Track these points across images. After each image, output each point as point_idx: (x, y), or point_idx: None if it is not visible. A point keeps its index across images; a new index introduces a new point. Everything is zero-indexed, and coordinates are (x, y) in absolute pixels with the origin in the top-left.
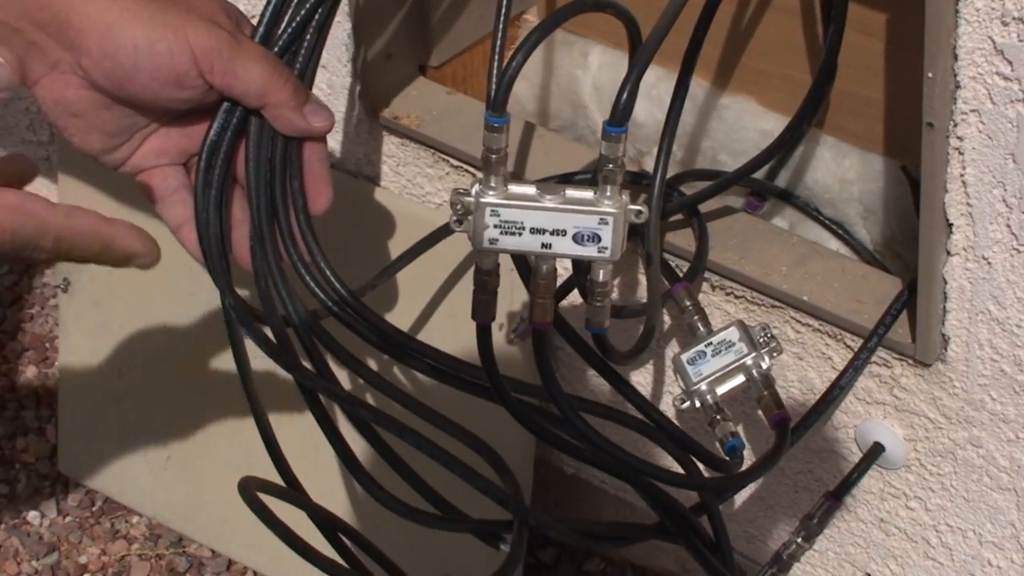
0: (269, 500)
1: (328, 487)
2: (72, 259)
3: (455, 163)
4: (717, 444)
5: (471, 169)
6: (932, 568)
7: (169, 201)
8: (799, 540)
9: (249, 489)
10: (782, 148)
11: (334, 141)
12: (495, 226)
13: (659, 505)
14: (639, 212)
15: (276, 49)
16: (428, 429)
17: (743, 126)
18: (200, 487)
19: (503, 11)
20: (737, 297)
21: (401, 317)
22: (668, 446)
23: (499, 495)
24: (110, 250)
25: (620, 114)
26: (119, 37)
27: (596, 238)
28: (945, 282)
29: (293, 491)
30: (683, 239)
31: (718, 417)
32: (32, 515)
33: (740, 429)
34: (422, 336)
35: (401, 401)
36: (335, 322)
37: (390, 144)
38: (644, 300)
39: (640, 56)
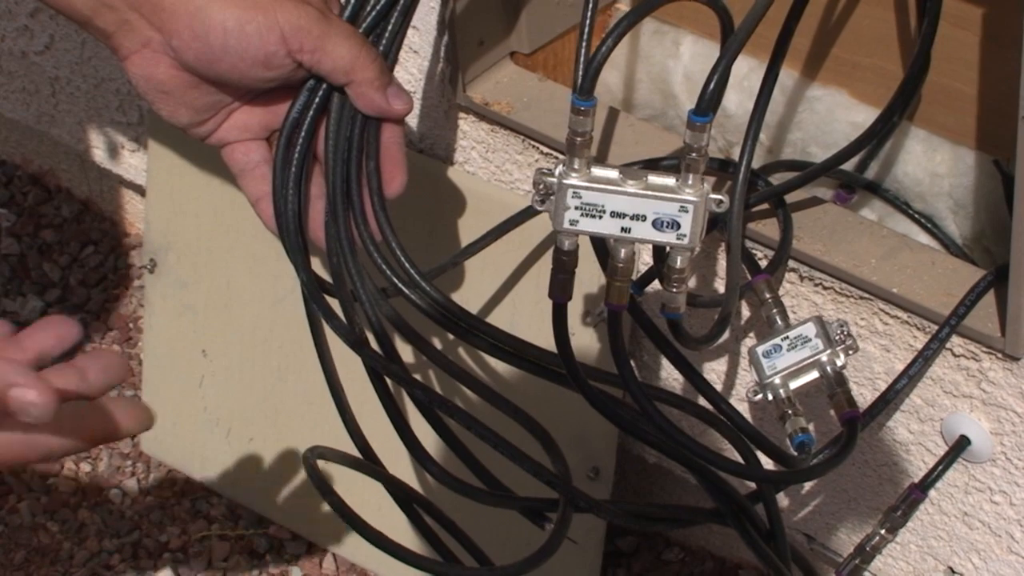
0: (346, 473)
1: (412, 469)
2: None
3: (545, 150)
4: (787, 439)
5: (560, 156)
6: (1016, 563)
7: (250, 175)
8: (883, 532)
9: (310, 456)
10: (872, 140)
11: (424, 126)
12: (576, 208)
13: (715, 490)
14: (720, 201)
15: (360, 30)
16: (486, 408)
17: (834, 118)
18: (282, 468)
19: None
20: (825, 288)
21: (483, 300)
22: (732, 435)
23: (544, 475)
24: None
25: (706, 103)
26: (209, 20)
27: (675, 225)
28: None
29: (367, 461)
30: (770, 229)
31: (790, 412)
32: (114, 493)
33: (811, 426)
34: (508, 321)
35: (460, 378)
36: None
37: (480, 131)
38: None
39: (730, 46)
